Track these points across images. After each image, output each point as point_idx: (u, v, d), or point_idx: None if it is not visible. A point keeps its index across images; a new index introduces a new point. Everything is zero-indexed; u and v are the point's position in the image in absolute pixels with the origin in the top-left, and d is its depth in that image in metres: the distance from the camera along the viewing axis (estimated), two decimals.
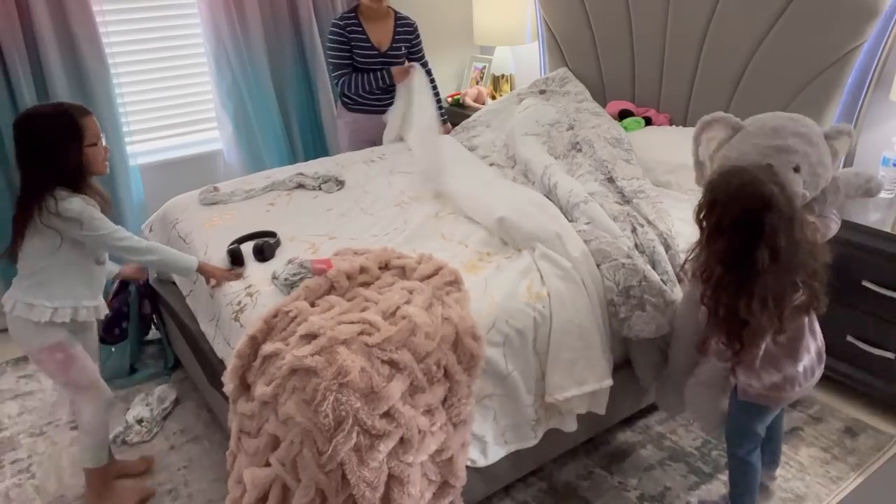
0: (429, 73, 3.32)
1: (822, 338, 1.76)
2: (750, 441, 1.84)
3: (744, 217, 1.51)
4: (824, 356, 1.77)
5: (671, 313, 2.02)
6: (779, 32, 2.63)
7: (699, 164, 1.95)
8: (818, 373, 1.76)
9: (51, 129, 1.82)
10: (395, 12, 3.21)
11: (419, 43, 3.29)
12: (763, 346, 1.62)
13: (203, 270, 2.08)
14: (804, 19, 2.54)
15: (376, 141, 3.30)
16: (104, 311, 2.04)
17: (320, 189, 2.72)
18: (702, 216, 1.61)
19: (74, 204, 1.83)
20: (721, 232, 1.55)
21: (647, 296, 1.99)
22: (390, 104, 3.25)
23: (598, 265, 2.04)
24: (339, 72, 3.18)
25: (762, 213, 1.50)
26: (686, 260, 1.74)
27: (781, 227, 1.50)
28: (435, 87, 3.34)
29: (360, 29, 3.10)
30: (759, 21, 2.67)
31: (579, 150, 2.71)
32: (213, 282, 2.11)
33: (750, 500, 1.88)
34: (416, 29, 3.25)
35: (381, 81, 3.16)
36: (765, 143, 1.78)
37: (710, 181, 1.61)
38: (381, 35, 3.15)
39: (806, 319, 1.68)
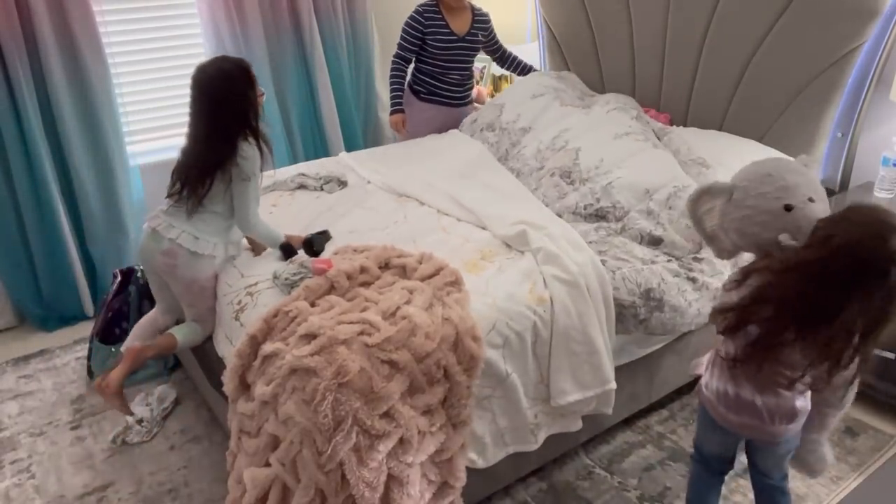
0: (509, 53, 3.48)
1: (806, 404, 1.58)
2: (696, 456, 1.82)
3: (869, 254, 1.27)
4: (799, 417, 1.58)
5: (693, 313, 2.08)
6: (779, 32, 2.63)
7: (712, 238, 1.78)
8: (774, 426, 1.57)
9: (242, 79, 2.04)
10: (472, 6, 3.32)
11: (493, 33, 3.41)
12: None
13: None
14: (804, 19, 2.54)
15: (442, 132, 3.36)
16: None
17: (322, 189, 2.72)
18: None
19: (253, 158, 2.05)
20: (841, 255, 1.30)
21: (667, 297, 2.06)
22: (462, 98, 3.40)
23: (617, 269, 2.06)
24: (398, 52, 3.26)
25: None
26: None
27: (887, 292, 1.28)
28: (519, 60, 3.50)
29: (440, 16, 3.20)
30: (759, 21, 2.67)
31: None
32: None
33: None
34: (490, 20, 3.38)
35: (392, 98, 3.28)
36: (770, 189, 1.60)
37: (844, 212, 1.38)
38: (460, 24, 3.25)
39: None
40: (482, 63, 4.14)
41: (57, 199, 2.98)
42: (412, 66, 3.34)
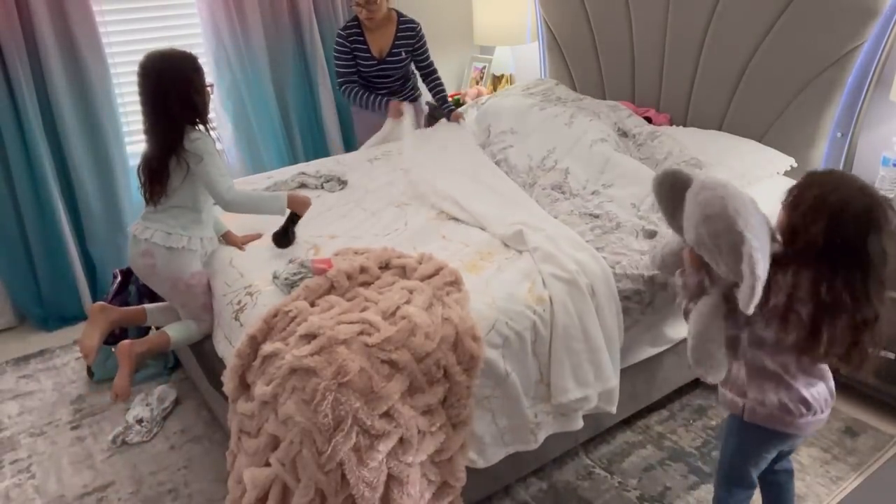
0: (433, 72, 3.38)
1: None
2: (742, 484, 1.67)
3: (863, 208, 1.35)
4: (834, 395, 1.59)
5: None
6: (779, 32, 2.63)
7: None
8: (826, 412, 1.57)
9: (186, 67, 2.03)
10: (399, 15, 3.22)
11: (422, 45, 3.29)
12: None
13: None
14: (804, 19, 2.54)
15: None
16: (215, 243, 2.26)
17: (322, 188, 2.72)
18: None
19: (202, 138, 2.04)
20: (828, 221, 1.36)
21: (670, 278, 2.03)
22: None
23: (616, 263, 2.05)
24: (342, 79, 3.27)
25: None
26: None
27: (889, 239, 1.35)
28: (440, 86, 3.38)
29: (362, 38, 3.17)
30: (759, 21, 2.67)
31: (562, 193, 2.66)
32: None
33: None
34: (418, 31, 3.25)
35: (375, 107, 3.22)
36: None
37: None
38: (381, 43, 3.19)
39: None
40: (482, 63, 4.15)
41: (57, 199, 2.98)
42: None
